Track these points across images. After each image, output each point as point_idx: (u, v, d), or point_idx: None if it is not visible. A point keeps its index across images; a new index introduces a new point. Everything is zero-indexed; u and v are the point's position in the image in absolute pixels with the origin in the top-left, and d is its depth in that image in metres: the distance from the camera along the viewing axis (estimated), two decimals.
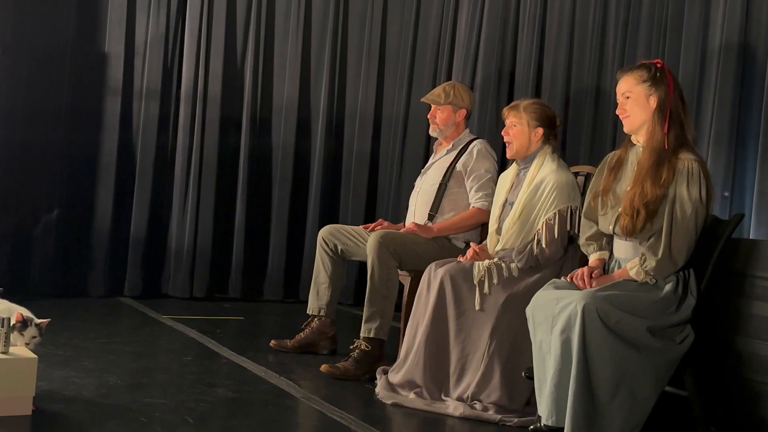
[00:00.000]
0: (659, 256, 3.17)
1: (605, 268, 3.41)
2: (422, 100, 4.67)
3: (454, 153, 4.52)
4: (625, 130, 3.40)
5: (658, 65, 3.32)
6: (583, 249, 3.53)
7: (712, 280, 3.23)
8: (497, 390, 3.60)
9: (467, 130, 4.62)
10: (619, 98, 3.37)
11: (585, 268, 3.35)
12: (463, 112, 4.58)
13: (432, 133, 4.64)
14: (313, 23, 6.53)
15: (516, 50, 5.84)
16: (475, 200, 4.41)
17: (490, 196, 4.29)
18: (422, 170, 4.71)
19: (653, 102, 3.29)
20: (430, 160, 4.70)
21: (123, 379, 3.78)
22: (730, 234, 3.25)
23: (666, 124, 3.26)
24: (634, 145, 3.40)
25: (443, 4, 6.42)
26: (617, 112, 3.39)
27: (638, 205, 3.20)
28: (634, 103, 3.32)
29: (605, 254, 3.43)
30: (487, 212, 4.26)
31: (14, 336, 3.22)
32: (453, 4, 6.30)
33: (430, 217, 4.45)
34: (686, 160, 3.21)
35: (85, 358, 4.10)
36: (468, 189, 4.44)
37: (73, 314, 5.23)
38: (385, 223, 4.62)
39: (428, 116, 4.62)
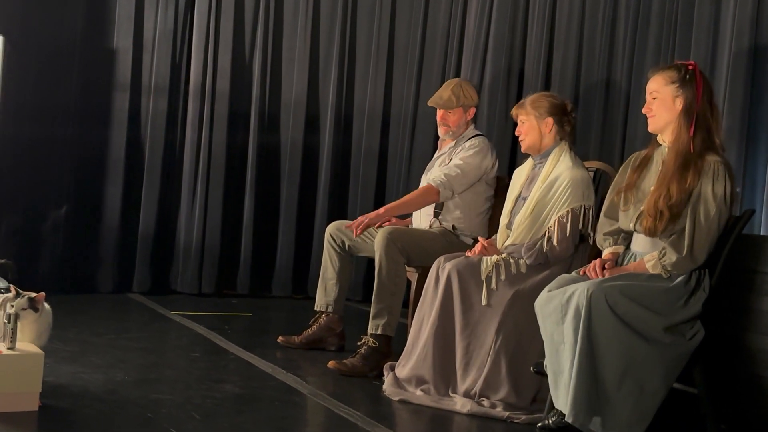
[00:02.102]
0: (682, 254, 3.14)
1: (619, 261, 3.39)
2: (432, 104, 4.58)
3: (456, 150, 4.49)
4: (649, 129, 3.37)
5: (690, 67, 3.29)
6: (599, 243, 3.50)
7: (722, 276, 3.21)
8: (504, 387, 3.58)
9: (473, 126, 4.59)
10: (648, 97, 3.34)
11: (597, 260, 3.33)
12: (473, 110, 4.56)
13: (444, 135, 4.57)
14: (321, 19, 6.52)
15: (525, 46, 5.82)
16: (432, 177, 4.37)
17: (452, 180, 4.27)
18: (427, 166, 4.69)
19: (679, 104, 3.26)
20: (435, 156, 4.68)
21: (130, 374, 3.77)
22: (740, 230, 3.22)
23: (692, 127, 3.23)
24: (660, 145, 3.37)
25: (452, 0, 6.39)
26: (644, 110, 3.36)
27: (662, 207, 3.17)
28: (660, 103, 3.29)
29: (620, 248, 3.41)
30: (437, 191, 4.26)
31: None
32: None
33: (436, 214, 4.43)
34: (712, 161, 3.19)
35: (92, 354, 4.10)
36: None
37: (82, 310, 5.24)
38: (393, 219, 4.60)
39: (438, 119, 4.57)
